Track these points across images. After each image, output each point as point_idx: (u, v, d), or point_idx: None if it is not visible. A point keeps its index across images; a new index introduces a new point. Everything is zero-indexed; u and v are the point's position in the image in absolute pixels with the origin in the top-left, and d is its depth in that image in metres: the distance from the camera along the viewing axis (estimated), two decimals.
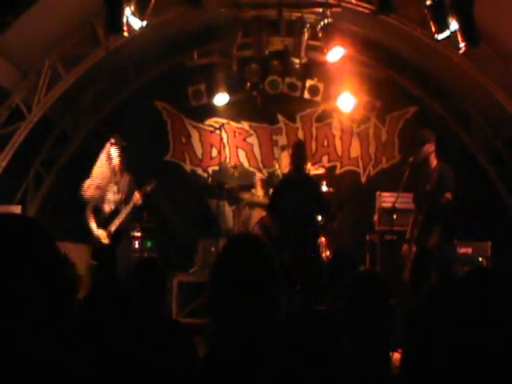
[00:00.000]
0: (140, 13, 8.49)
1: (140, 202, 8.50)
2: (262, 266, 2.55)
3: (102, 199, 8.57)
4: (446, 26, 8.44)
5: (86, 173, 8.70)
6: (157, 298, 5.01)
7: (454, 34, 8.43)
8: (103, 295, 3.41)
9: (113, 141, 8.56)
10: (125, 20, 8.42)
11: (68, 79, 9.79)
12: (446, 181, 8.30)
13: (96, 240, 8.43)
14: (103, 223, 8.50)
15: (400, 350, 7.64)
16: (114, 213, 8.56)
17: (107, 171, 8.60)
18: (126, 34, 8.56)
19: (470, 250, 9.69)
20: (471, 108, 11.20)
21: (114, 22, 8.44)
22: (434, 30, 8.57)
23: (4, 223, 1.90)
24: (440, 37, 8.57)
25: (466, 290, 2.85)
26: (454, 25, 8.35)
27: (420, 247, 8.35)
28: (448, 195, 8.16)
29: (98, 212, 8.55)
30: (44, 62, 9.57)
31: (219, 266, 2.62)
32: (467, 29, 8.34)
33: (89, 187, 8.56)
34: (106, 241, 8.41)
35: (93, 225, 8.47)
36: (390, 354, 3.81)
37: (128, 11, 8.37)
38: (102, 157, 8.60)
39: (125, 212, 8.53)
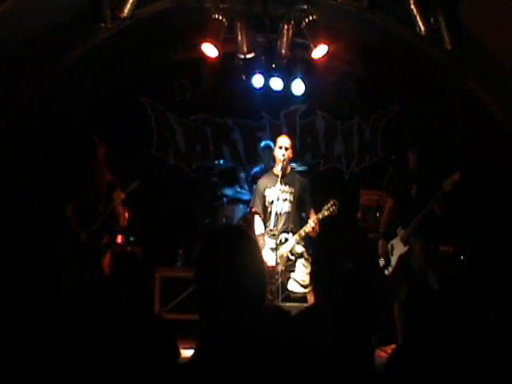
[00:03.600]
0: (124, 7, 8.46)
1: (121, 200, 8.48)
2: (245, 256, 2.54)
3: (83, 198, 8.57)
4: (430, 25, 8.45)
5: (68, 169, 8.70)
6: (136, 292, 5.00)
7: (438, 32, 8.45)
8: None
9: (95, 139, 8.57)
10: (109, 13, 8.39)
11: (52, 73, 9.72)
12: (427, 180, 8.44)
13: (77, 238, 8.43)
14: (84, 222, 8.48)
15: (384, 348, 7.74)
16: (95, 211, 8.55)
17: (89, 169, 8.61)
18: (109, 27, 8.53)
19: (451, 249, 9.73)
20: (454, 107, 11.23)
21: (98, 15, 8.40)
22: (418, 28, 8.58)
23: None
24: (424, 35, 8.58)
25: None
26: (439, 23, 8.38)
27: (406, 245, 8.45)
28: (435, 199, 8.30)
29: (79, 210, 8.54)
30: (29, 53, 9.45)
31: (202, 257, 2.61)
32: (452, 27, 8.35)
33: (73, 186, 8.60)
34: (86, 240, 8.41)
35: (74, 223, 8.46)
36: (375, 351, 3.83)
37: (112, 4, 8.33)
38: (84, 155, 8.61)
39: (105, 211, 8.52)
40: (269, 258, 8.48)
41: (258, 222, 8.84)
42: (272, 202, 8.64)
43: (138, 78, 11.85)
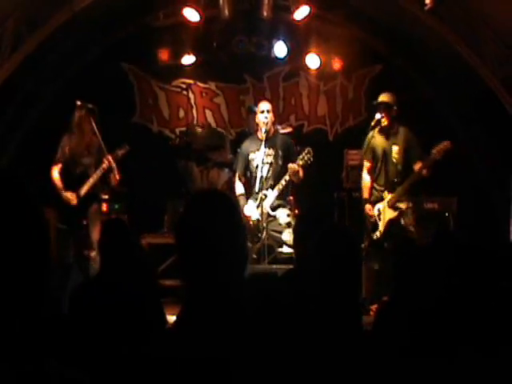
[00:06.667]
0: None
1: (111, 165, 8.47)
2: (227, 218, 2.53)
3: (72, 161, 8.57)
4: None
5: (52, 135, 8.66)
6: (123, 258, 5.00)
7: None
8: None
9: (79, 103, 8.53)
10: None
11: (32, 41, 9.61)
12: (410, 143, 8.52)
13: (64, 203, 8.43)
14: (73, 186, 8.49)
15: (371, 307, 7.81)
16: (84, 175, 8.55)
17: (77, 134, 8.59)
18: None
19: (436, 206, 9.76)
20: (438, 66, 11.21)
21: None
22: None
23: None
24: None
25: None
26: None
27: (396, 210, 8.53)
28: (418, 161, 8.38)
29: (67, 174, 8.54)
30: (7, 23, 9.35)
31: (184, 223, 2.60)
32: None
33: (61, 149, 8.57)
34: (74, 202, 8.42)
35: (60, 186, 8.47)
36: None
37: None
38: (72, 120, 8.59)
39: (95, 175, 8.52)
40: (251, 213, 8.60)
41: (238, 183, 8.97)
42: (257, 167, 8.69)
43: (119, 45, 11.74)
